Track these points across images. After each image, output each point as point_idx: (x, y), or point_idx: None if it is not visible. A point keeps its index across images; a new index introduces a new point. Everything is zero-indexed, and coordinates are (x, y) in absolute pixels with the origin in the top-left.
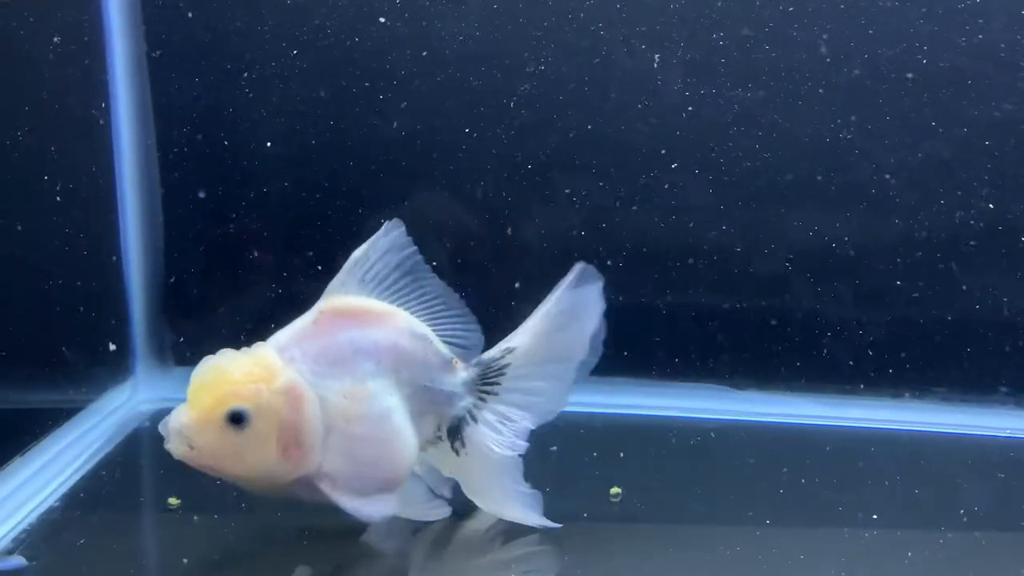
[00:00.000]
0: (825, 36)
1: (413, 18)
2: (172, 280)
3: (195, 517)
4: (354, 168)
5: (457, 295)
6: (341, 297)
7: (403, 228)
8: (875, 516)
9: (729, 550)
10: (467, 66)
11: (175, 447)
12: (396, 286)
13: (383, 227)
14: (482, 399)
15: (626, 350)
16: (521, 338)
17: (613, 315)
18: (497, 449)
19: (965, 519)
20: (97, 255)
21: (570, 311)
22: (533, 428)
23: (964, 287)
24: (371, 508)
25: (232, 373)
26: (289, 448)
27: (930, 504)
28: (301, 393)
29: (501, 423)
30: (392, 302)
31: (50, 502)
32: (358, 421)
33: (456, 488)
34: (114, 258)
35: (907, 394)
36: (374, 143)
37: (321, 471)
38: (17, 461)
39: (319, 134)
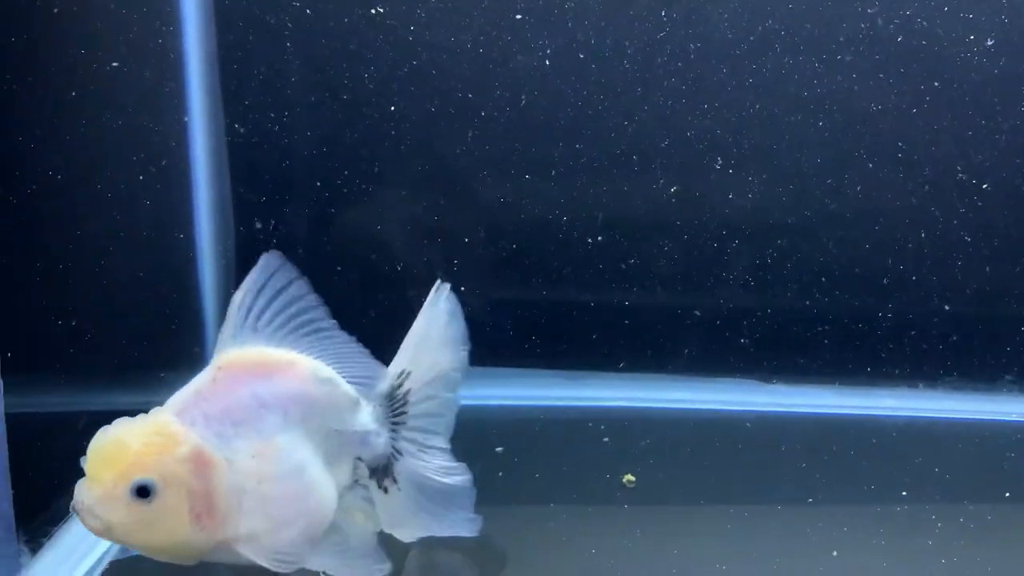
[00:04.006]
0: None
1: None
2: None
3: None
4: (439, 204)
5: (345, 332)
6: (237, 350)
7: (282, 260)
8: (904, 494)
9: (770, 528)
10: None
11: (91, 524)
12: (291, 328)
13: (260, 262)
14: (395, 430)
15: (653, 345)
16: (409, 360)
17: (642, 312)
18: (437, 477)
19: (983, 495)
20: (177, 280)
21: (441, 326)
22: (446, 447)
23: (968, 288)
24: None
25: (131, 444)
26: (202, 517)
27: (950, 482)
28: (208, 459)
29: (421, 450)
30: (290, 347)
31: None
32: (271, 481)
33: None
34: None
35: (921, 384)
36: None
37: (239, 534)
38: None
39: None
